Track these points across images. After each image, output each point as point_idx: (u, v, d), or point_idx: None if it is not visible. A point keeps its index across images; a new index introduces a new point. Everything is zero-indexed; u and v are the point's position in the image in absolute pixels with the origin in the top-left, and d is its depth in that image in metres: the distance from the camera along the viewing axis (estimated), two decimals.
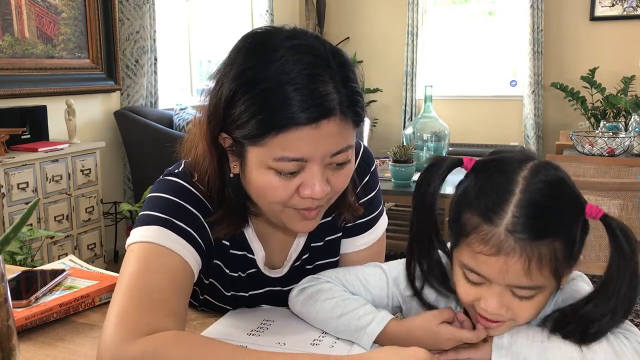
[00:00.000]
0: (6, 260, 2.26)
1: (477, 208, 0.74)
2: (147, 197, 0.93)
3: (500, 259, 0.72)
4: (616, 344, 0.75)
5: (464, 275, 0.78)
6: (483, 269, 0.74)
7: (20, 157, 2.80)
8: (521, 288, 0.74)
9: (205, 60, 5.00)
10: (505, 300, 0.75)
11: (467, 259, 0.76)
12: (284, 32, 0.83)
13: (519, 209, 0.71)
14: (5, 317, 0.67)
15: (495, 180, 0.75)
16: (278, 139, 0.78)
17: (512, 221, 0.71)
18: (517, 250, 0.71)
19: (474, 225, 0.74)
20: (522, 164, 0.75)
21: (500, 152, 0.80)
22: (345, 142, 0.82)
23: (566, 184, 0.75)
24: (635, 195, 2.32)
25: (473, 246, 0.74)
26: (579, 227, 0.74)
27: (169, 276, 0.83)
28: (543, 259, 0.71)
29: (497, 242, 0.72)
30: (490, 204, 0.73)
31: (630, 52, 5.01)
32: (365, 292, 0.94)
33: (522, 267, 0.71)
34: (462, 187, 0.79)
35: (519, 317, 0.77)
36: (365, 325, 0.86)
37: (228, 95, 0.80)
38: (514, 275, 0.72)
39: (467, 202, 0.76)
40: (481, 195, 0.75)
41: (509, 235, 0.71)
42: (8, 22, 3.11)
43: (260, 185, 0.83)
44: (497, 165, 0.77)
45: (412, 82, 5.62)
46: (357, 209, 1.01)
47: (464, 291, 0.79)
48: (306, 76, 0.78)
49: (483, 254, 0.73)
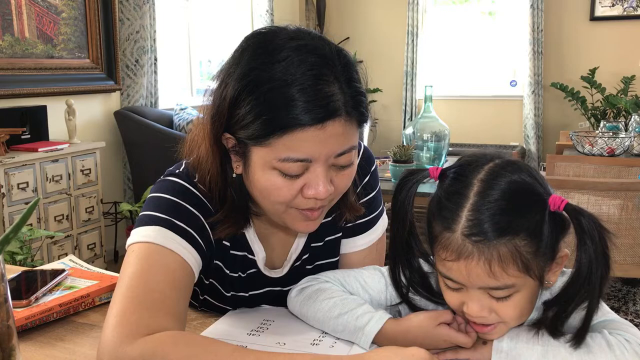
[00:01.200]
0: (6, 260, 2.26)
1: (438, 216, 0.77)
2: (147, 198, 0.93)
3: (461, 263, 0.73)
4: (617, 347, 0.75)
5: (444, 282, 0.79)
6: (452, 275, 0.76)
7: (20, 157, 2.80)
8: (494, 289, 0.74)
9: (205, 60, 5.00)
10: (485, 302, 0.76)
11: (439, 266, 0.78)
12: (288, 32, 0.83)
13: (472, 213, 0.73)
14: (5, 317, 0.67)
15: (453, 186, 0.77)
16: (283, 139, 0.78)
17: (467, 225, 0.73)
18: (474, 254, 0.72)
19: (437, 233, 0.76)
20: (479, 167, 0.76)
21: (466, 157, 0.81)
22: (349, 143, 0.83)
23: (524, 181, 0.75)
24: (635, 195, 2.32)
25: (439, 254, 0.76)
26: (544, 221, 0.73)
27: (169, 276, 0.83)
28: (504, 258, 0.71)
29: (456, 247, 0.73)
30: (447, 211, 0.75)
31: (631, 52, 5.01)
32: (364, 292, 0.95)
33: (483, 270, 0.72)
34: (432, 196, 0.81)
35: (504, 317, 0.77)
36: (363, 325, 0.86)
37: (233, 95, 0.80)
38: (478, 278, 0.73)
39: (432, 212, 0.79)
40: (441, 204, 0.77)
41: (465, 239, 0.72)
42: (8, 22, 3.11)
43: (264, 186, 0.83)
44: (456, 171, 0.79)
45: (412, 82, 5.62)
46: (358, 208, 1.01)
47: (449, 298, 0.80)
48: (311, 76, 0.78)
49: (447, 261, 0.75)
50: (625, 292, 3.07)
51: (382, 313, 0.87)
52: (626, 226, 2.34)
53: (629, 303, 2.94)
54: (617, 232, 2.34)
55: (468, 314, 0.77)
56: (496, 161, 0.77)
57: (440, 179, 0.81)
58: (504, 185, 0.74)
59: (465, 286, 0.76)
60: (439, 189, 0.80)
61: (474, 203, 0.73)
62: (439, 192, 0.79)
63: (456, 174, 0.78)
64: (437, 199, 0.79)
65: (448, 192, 0.77)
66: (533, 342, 0.77)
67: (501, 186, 0.73)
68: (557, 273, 0.80)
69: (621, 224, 2.34)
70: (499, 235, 0.71)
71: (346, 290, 0.95)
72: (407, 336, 0.84)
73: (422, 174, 0.83)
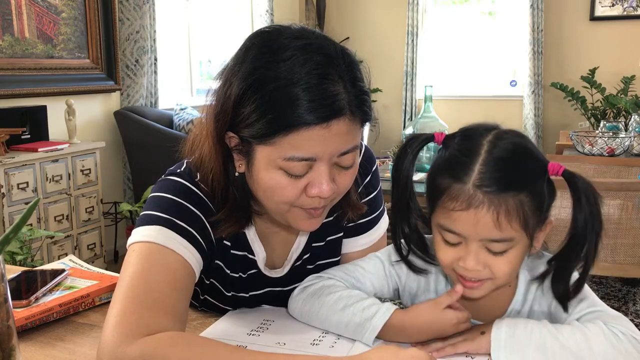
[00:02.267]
0: (6, 260, 2.26)
1: (447, 171, 0.81)
2: (148, 197, 0.93)
3: (470, 212, 0.77)
4: (612, 337, 0.78)
5: (442, 238, 0.83)
6: (457, 226, 0.79)
7: (20, 157, 2.79)
8: (494, 241, 0.79)
9: (205, 60, 5.00)
10: (482, 257, 0.80)
11: (442, 219, 0.81)
12: (292, 31, 0.83)
13: (484, 166, 0.78)
14: (5, 317, 0.67)
15: (463, 146, 0.82)
16: (288, 138, 0.78)
17: (479, 177, 0.77)
18: (485, 203, 0.77)
19: (446, 186, 0.80)
20: (486, 132, 0.82)
21: (469, 125, 0.86)
22: (353, 142, 0.83)
23: (528, 145, 0.82)
24: (635, 195, 2.32)
25: (446, 205, 0.80)
26: (544, 184, 0.80)
27: (170, 276, 0.83)
28: (511, 211, 0.77)
29: (467, 197, 0.77)
30: (458, 165, 0.80)
31: (630, 52, 5.01)
32: (366, 273, 0.97)
33: (491, 219, 0.76)
34: (435, 159, 0.86)
35: (497, 272, 0.81)
36: (370, 316, 0.86)
37: (237, 93, 0.80)
38: (485, 227, 0.77)
39: (439, 169, 0.83)
40: (451, 160, 0.82)
41: (476, 189, 0.77)
42: (8, 22, 3.11)
43: (268, 185, 0.83)
44: (464, 134, 0.84)
45: (412, 82, 5.61)
46: (360, 207, 1.01)
47: (444, 254, 0.83)
48: (316, 76, 0.78)
49: (455, 211, 0.78)
50: (626, 292, 3.07)
51: (389, 304, 0.88)
52: (626, 226, 2.34)
53: (629, 303, 2.94)
54: (617, 232, 2.34)
55: (464, 267, 0.81)
56: (500, 128, 0.84)
57: (444, 144, 0.86)
58: (510, 147, 0.80)
59: (467, 238, 0.80)
60: (445, 150, 0.85)
61: (485, 158, 0.78)
62: (448, 152, 0.84)
63: (464, 137, 0.84)
64: (446, 156, 0.83)
65: (459, 149, 0.82)
66: (532, 330, 0.79)
67: (508, 147, 0.80)
68: (540, 240, 0.84)
69: (621, 224, 2.34)
70: (507, 189, 0.77)
71: (349, 276, 0.97)
72: (416, 322, 0.85)
73: (426, 137, 0.87)
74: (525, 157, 0.80)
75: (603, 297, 3.00)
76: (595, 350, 0.76)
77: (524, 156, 0.80)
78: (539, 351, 0.77)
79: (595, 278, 3.13)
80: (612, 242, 2.34)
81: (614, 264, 2.36)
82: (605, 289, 3.11)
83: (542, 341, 0.78)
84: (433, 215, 0.84)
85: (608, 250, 2.34)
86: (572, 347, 0.77)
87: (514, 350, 0.78)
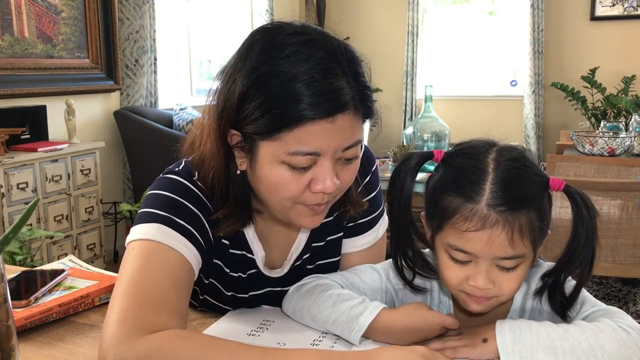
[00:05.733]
0: (6, 260, 2.26)
1: (456, 191, 0.80)
2: (147, 195, 0.93)
3: (485, 232, 0.77)
4: (622, 332, 0.77)
5: (450, 257, 0.82)
6: (470, 246, 0.79)
7: (20, 157, 2.79)
8: (506, 259, 0.79)
9: (205, 60, 5.00)
10: (492, 275, 0.80)
11: (453, 239, 0.81)
12: (294, 27, 0.83)
13: (495, 185, 0.78)
14: (5, 317, 0.67)
15: (468, 164, 0.82)
16: (293, 133, 0.79)
17: (491, 196, 0.78)
18: (500, 222, 0.77)
19: (456, 206, 0.79)
20: (488, 148, 0.83)
21: (466, 142, 0.87)
22: (356, 137, 0.84)
23: (529, 161, 0.83)
24: (636, 195, 2.32)
25: (458, 226, 0.79)
26: (546, 199, 0.81)
27: (170, 274, 0.83)
28: (523, 228, 0.78)
29: (481, 217, 0.77)
30: (468, 185, 0.80)
31: (631, 52, 5.01)
32: (362, 283, 0.97)
33: (506, 237, 0.77)
34: (435, 177, 0.85)
35: (505, 290, 0.81)
36: (357, 314, 0.86)
37: (241, 90, 0.80)
38: (500, 247, 0.78)
39: (444, 188, 0.82)
40: (458, 179, 0.81)
41: (490, 209, 0.77)
42: (8, 21, 3.11)
43: (272, 181, 0.83)
44: (466, 152, 0.84)
45: (412, 82, 5.62)
46: (362, 204, 1.01)
47: (452, 274, 0.83)
48: (320, 70, 0.78)
49: (469, 231, 0.78)
50: (626, 292, 3.07)
51: (377, 303, 0.88)
52: (626, 226, 2.34)
53: (629, 303, 2.93)
54: (617, 232, 2.34)
55: (473, 286, 0.80)
56: (498, 144, 0.85)
57: (444, 161, 0.85)
58: (517, 164, 0.81)
59: (478, 257, 0.79)
60: (447, 168, 0.84)
61: (494, 177, 0.79)
62: (450, 171, 0.83)
63: (466, 154, 0.83)
64: (450, 176, 0.83)
65: (465, 168, 0.81)
66: (538, 333, 0.78)
67: (515, 165, 0.81)
68: (539, 252, 0.85)
69: (621, 224, 2.33)
70: (519, 207, 0.78)
71: (345, 281, 0.96)
72: (403, 322, 0.85)
73: (423, 156, 0.87)
74: (530, 174, 0.81)
75: (603, 297, 3.00)
76: (607, 347, 0.75)
77: (529, 173, 0.81)
78: (549, 353, 0.76)
79: (595, 278, 3.13)
80: (612, 242, 2.34)
81: (614, 264, 2.36)
82: (605, 289, 3.11)
83: (550, 342, 0.76)
84: (440, 235, 0.83)
85: (608, 250, 2.34)
86: (583, 346, 0.76)
87: (523, 355, 0.76)
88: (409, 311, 0.87)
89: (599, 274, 2.71)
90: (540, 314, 0.89)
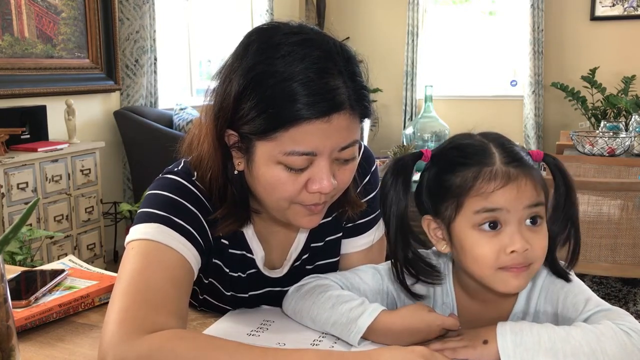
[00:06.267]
0: (6, 260, 2.26)
1: (465, 164, 0.82)
2: (146, 195, 0.93)
3: (511, 186, 0.80)
4: (624, 336, 0.76)
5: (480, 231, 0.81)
6: (499, 201, 0.80)
7: (20, 157, 2.79)
8: (536, 206, 0.81)
9: (205, 60, 5.00)
10: (524, 234, 0.80)
11: (480, 204, 0.81)
12: (291, 27, 0.83)
13: (499, 149, 0.83)
14: (5, 317, 0.67)
15: (466, 145, 0.85)
16: (289, 133, 0.79)
17: (502, 157, 0.81)
18: (520, 174, 0.80)
19: (474, 175, 0.81)
20: (471, 135, 0.88)
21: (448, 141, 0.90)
22: (353, 137, 0.83)
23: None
24: (636, 195, 2.32)
25: (482, 190, 0.80)
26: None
27: (169, 274, 0.83)
28: (538, 180, 0.82)
29: (503, 173, 0.80)
30: (476, 156, 0.82)
31: (631, 52, 5.01)
32: (363, 284, 0.96)
33: (530, 185, 0.81)
34: (432, 172, 0.87)
35: (537, 249, 0.81)
36: (356, 316, 0.86)
37: (238, 90, 0.80)
38: (528, 194, 0.80)
39: (451, 170, 0.83)
40: (465, 153, 0.84)
41: (507, 166, 0.81)
42: (8, 21, 3.11)
43: (269, 181, 0.83)
44: (453, 142, 0.87)
45: (412, 82, 5.61)
46: (360, 204, 1.01)
47: (486, 251, 0.81)
48: (316, 70, 0.78)
49: (497, 190, 0.80)
50: (626, 292, 3.07)
51: (376, 305, 0.87)
52: (626, 226, 2.33)
53: (629, 303, 2.93)
54: (617, 232, 2.34)
55: (512, 249, 0.79)
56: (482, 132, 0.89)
57: (434, 158, 0.87)
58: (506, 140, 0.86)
59: (509, 212, 0.80)
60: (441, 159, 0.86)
61: (495, 145, 0.83)
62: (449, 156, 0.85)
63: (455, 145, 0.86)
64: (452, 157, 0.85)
65: (464, 149, 0.84)
66: (539, 334, 0.77)
67: (505, 140, 0.85)
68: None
69: (621, 224, 2.33)
70: (527, 164, 0.82)
71: (346, 283, 0.96)
72: (403, 324, 0.85)
73: (413, 156, 0.87)
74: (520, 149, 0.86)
75: (603, 297, 2.99)
76: (609, 351, 0.75)
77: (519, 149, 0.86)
78: (550, 356, 0.75)
79: (595, 278, 3.12)
80: (612, 242, 2.34)
81: (614, 264, 2.36)
82: (605, 289, 3.11)
83: (551, 345, 0.76)
84: (461, 215, 0.82)
85: (608, 250, 2.34)
86: (584, 349, 0.75)
87: (524, 357, 0.76)
88: (408, 313, 0.87)
89: (599, 274, 2.71)
90: (544, 314, 0.88)
